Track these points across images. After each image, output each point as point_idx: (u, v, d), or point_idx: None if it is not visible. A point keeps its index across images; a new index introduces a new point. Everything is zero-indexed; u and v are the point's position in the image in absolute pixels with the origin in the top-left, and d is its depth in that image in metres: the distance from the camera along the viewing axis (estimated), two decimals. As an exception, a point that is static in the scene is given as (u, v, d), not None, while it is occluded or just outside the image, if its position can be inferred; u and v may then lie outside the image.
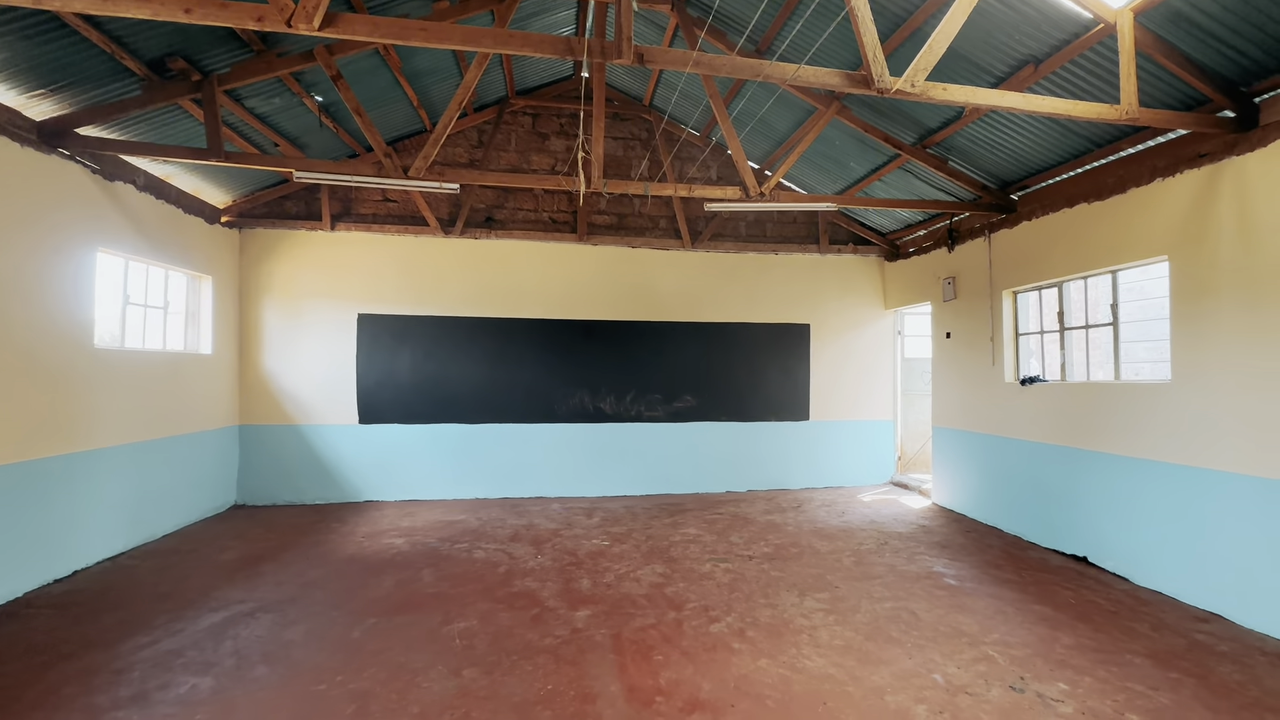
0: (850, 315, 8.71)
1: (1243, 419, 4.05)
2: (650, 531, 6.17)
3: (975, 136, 5.76)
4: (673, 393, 8.19)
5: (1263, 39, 3.70)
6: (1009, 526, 6.22)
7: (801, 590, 4.56)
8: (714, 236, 8.36)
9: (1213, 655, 3.56)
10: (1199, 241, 4.36)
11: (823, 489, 8.39)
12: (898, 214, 7.95)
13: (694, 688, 3.15)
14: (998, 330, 6.45)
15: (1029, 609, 4.23)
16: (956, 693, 3.13)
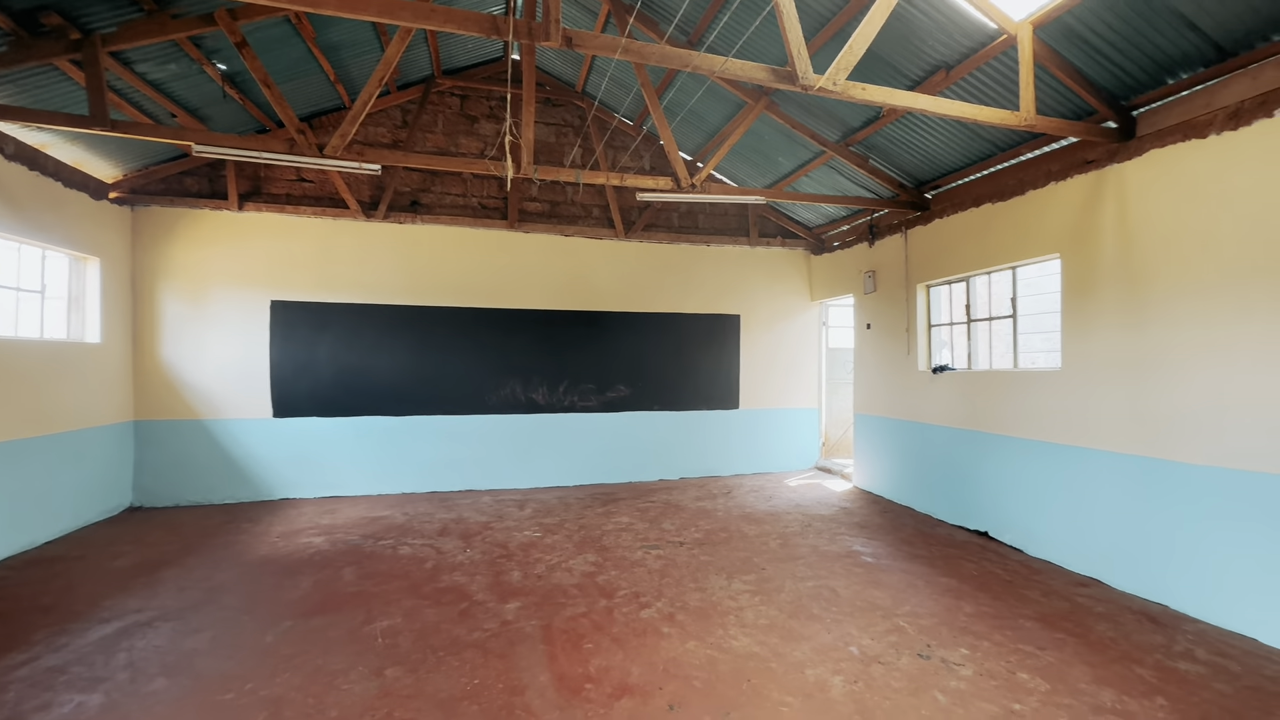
0: (778, 306, 8.98)
1: (1118, 402, 4.48)
2: (583, 521, 6.17)
3: (893, 136, 6.04)
4: (606, 382, 8.19)
5: (1140, 58, 4.07)
6: (921, 506, 6.63)
7: (730, 573, 4.69)
8: (647, 227, 8.39)
9: (1091, 616, 3.94)
10: (1086, 241, 4.77)
11: (752, 475, 8.65)
12: (823, 209, 8.24)
13: (624, 673, 3.19)
14: (912, 322, 6.83)
15: (936, 581, 4.53)
16: (870, 663, 3.31)
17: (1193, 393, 3.99)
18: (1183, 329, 4.06)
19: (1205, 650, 3.46)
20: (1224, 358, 3.82)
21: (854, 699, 2.96)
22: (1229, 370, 3.79)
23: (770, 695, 2.98)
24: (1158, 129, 4.23)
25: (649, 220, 8.34)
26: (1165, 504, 4.15)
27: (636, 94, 7.28)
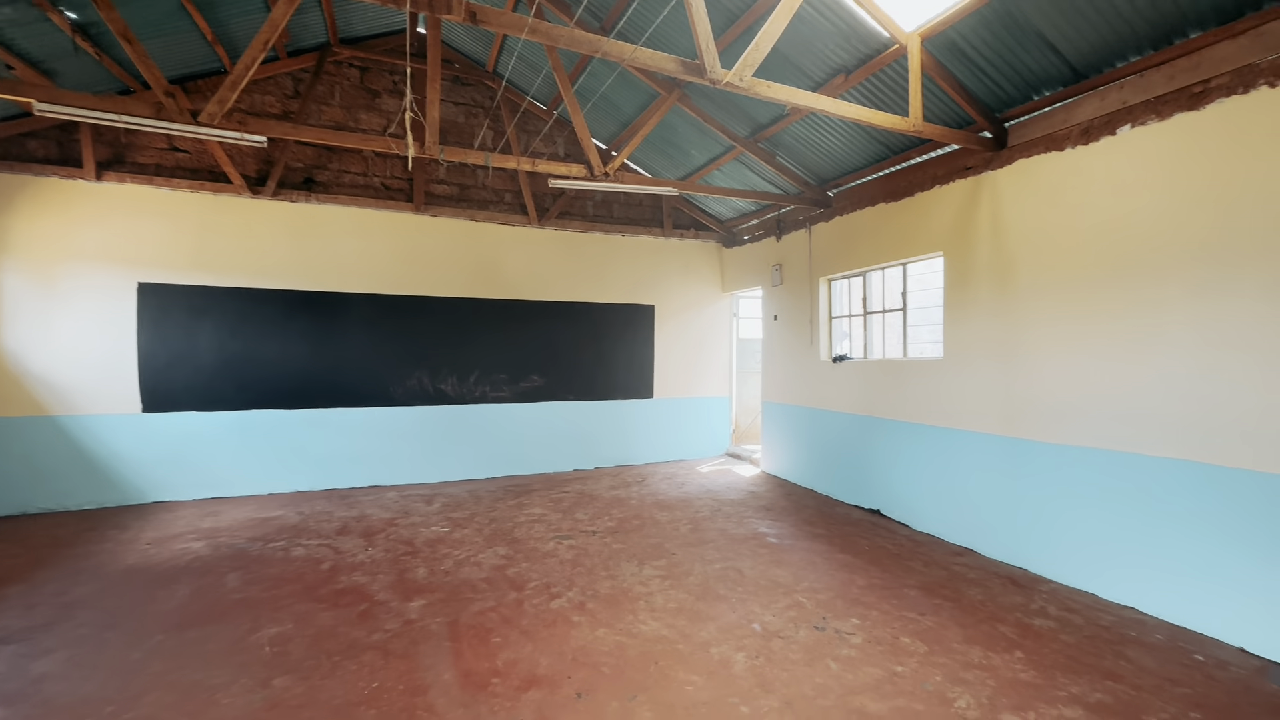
0: (691, 297, 9.16)
1: (989, 388, 4.94)
2: (494, 514, 6.04)
3: (799, 135, 6.30)
4: (519, 372, 8.03)
5: (1012, 74, 4.46)
6: (823, 488, 7.02)
7: (641, 560, 4.76)
8: (561, 215, 8.28)
9: (964, 582, 4.34)
10: (965, 240, 5.19)
11: (666, 463, 8.81)
12: (734, 203, 8.47)
13: (532, 664, 3.16)
14: (815, 313, 7.19)
15: (834, 558, 4.82)
16: (771, 638, 3.48)
17: (1049, 380, 4.47)
18: (1042, 323, 4.52)
19: (1056, 607, 3.91)
20: (1075, 349, 4.29)
21: (755, 673, 3.09)
22: (1079, 359, 4.27)
23: (676, 676, 3.06)
24: (1025, 140, 4.67)
25: (563, 208, 8.24)
26: (1026, 479, 4.63)
27: (549, 77, 7.14)
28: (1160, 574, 3.76)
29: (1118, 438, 4.02)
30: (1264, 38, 3.33)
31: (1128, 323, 3.97)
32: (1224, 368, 3.49)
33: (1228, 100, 3.49)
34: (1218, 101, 3.54)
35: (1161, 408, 3.78)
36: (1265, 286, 3.32)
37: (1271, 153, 3.30)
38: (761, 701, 2.84)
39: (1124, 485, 3.98)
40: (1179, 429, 3.69)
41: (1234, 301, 3.45)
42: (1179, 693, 2.93)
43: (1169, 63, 3.75)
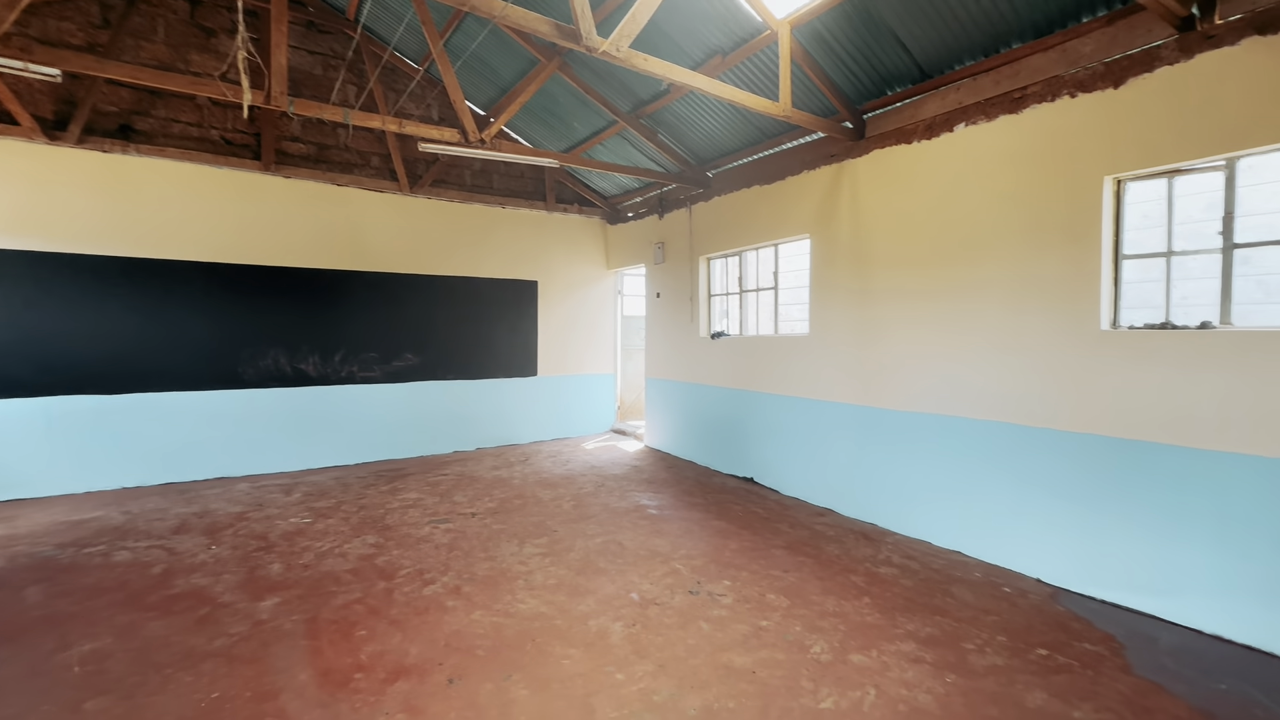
0: (576, 274, 9.06)
1: (847, 361, 5.37)
2: (364, 502, 5.66)
3: (680, 114, 6.36)
4: (392, 351, 7.54)
5: (869, 69, 4.78)
6: (702, 459, 7.31)
7: (522, 539, 4.68)
8: (436, 183, 7.80)
9: (824, 539, 4.72)
10: (828, 224, 5.55)
11: (550, 441, 8.73)
12: (618, 180, 8.44)
13: (400, 655, 3.01)
14: (695, 291, 7.39)
15: (709, 525, 5.05)
16: (648, 605, 3.57)
17: (897, 353, 4.93)
18: (891, 302, 4.96)
19: (899, 556, 4.37)
20: (917, 325, 4.76)
21: (631, 640, 3.16)
22: (920, 334, 4.74)
23: (554, 651, 3.05)
24: (880, 132, 5.05)
25: (438, 175, 7.76)
26: (876, 443, 5.10)
27: (419, 31, 6.62)
28: (978, 520, 4.32)
29: (948, 404, 4.53)
30: (1068, 53, 3.81)
31: (957, 303, 4.46)
32: (1027, 345, 4.03)
33: (1040, 106, 3.98)
34: (1033, 107, 4.02)
35: (980, 376, 4.31)
36: (1062, 276, 3.86)
37: (1071, 155, 3.81)
38: (637, 667, 2.91)
39: (951, 445, 4.50)
40: (993, 395, 4.23)
41: (1037, 287, 3.98)
42: (990, 620, 3.40)
43: (996, 69, 4.20)
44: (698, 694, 2.70)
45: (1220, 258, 3.34)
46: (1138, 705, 2.64)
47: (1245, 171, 3.34)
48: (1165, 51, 3.40)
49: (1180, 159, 3.37)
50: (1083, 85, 3.75)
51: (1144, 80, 3.49)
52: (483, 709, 2.59)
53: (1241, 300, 3.53)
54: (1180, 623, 3.34)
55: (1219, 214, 3.35)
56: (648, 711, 2.58)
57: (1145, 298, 4.04)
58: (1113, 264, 3.72)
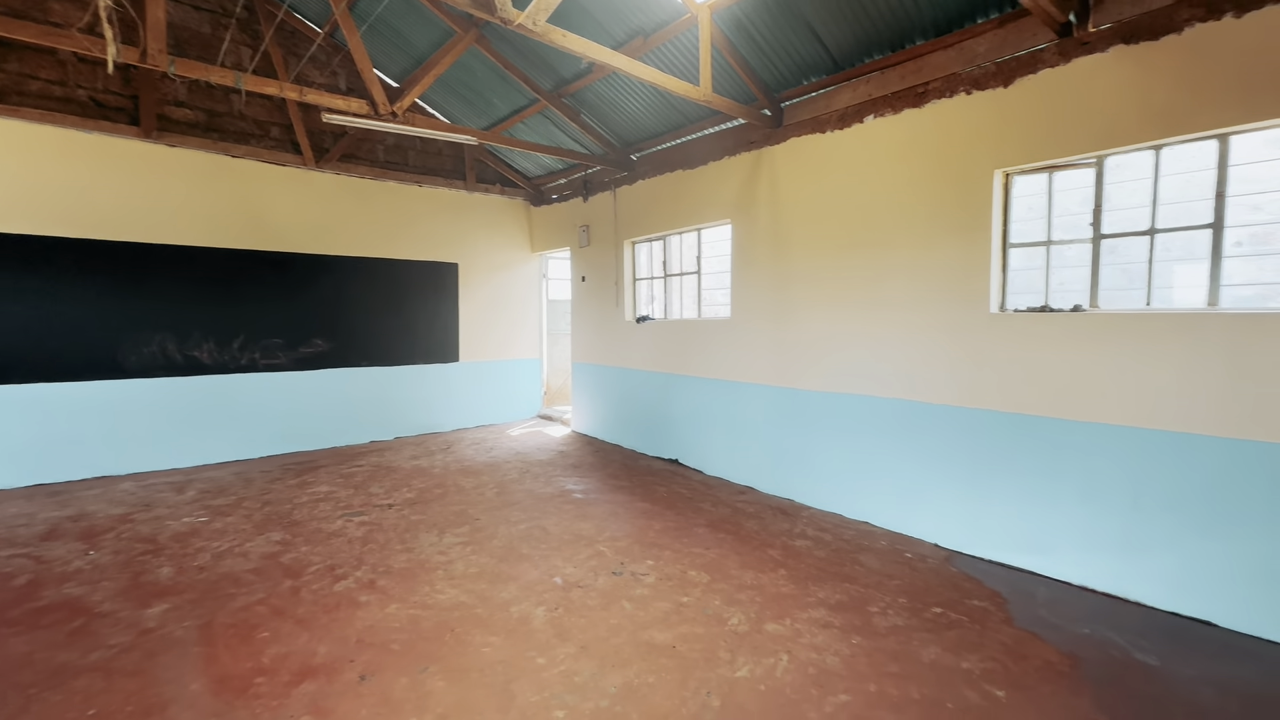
0: (499, 257, 8.82)
1: (767, 344, 5.54)
2: (269, 497, 5.31)
3: (603, 95, 6.28)
4: (299, 336, 7.07)
5: (786, 59, 4.89)
6: (628, 443, 7.36)
7: (442, 529, 4.55)
8: (346, 157, 7.34)
9: (744, 515, 4.88)
10: (749, 210, 5.67)
11: (475, 428, 8.52)
12: (541, 160, 8.25)
13: (308, 655, 2.86)
14: (620, 275, 7.38)
15: (634, 506, 5.10)
16: (571, 588, 3.57)
17: (811, 335, 5.13)
18: (807, 285, 5.15)
19: (813, 529, 4.58)
20: (829, 309, 4.96)
21: (554, 624, 3.15)
22: (832, 317, 4.95)
23: (473, 640, 3.00)
24: (797, 121, 5.19)
25: (347, 149, 7.30)
26: (793, 422, 5.31)
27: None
28: (884, 493, 4.60)
29: (859, 383, 4.77)
30: (965, 52, 4.05)
31: (867, 288, 4.68)
32: (928, 327, 4.30)
33: (940, 101, 4.21)
34: (934, 102, 4.25)
35: (888, 358, 4.56)
36: (959, 262, 4.13)
37: (967, 148, 4.07)
38: (559, 650, 2.91)
39: (861, 423, 4.75)
40: (899, 375, 4.49)
41: (937, 272, 4.24)
42: (893, 584, 3.64)
43: (901, 64, 4.40)
44: (619, 672, 2.73)
45: (1090, 247, 3.67)
46: (1016, 653, 2.91)
47: (1113, 169, 3.68)
48: (1047, 55, 3.67)
49: (1058, 155, 3.67)
50: (977, 83, 4.00)
51: (1029, 81, 3.76)
52: (397, 704, 2.51)
53: (1108, 286, 3.91)
54: (1054, 577, 3.71)
55: (1091, 207, 3.68)
56: (569, 693, 2.58)
57: (1030, 283, 4.40)
58: (1001, 252, 4.02)
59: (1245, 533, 3.05)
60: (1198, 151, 3.43)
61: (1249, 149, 4.09)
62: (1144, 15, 3.30)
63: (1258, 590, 3.02)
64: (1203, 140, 3.24)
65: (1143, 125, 3.33)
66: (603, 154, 7.13)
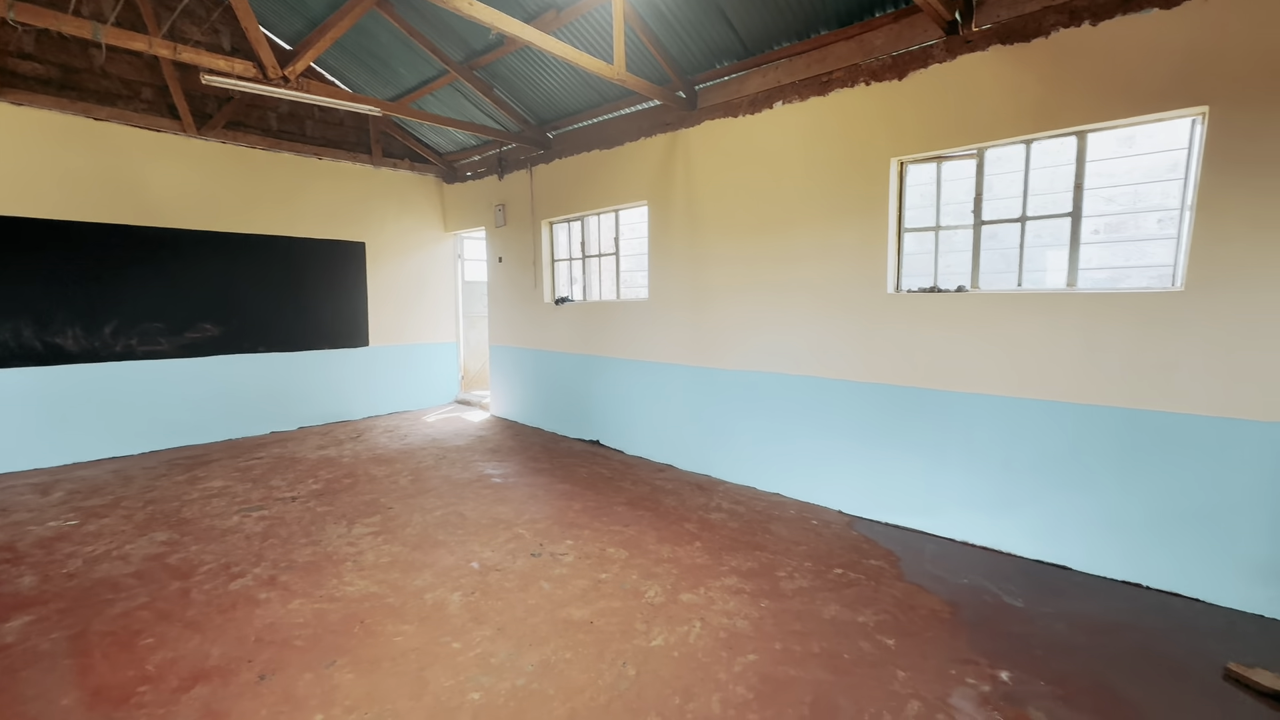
0: (411, 237, 8.43)
1: (683, 323, 5.65)
2: (152, 495, 4.88)
3: (517, 70, 6.09)
4: (184, 320, 6.48)
5: (700, 42, 4.93)
6: (549, 425, 7.32)
7: (351, 519, 4.36)
8: (233, 125, 6.73)
9: (663, 493, 4.99)
10: (665, 191, 5.72)
11: (387, 415, 8.18)
12: (454, 135, 7.93)
13: (199, 658, 2.67)
14: (538, 256, 7.26)
15: (554, 488, 5.09)
16: (489, 572, 3.54)
17: (726, 315, 5.28)
18: (721, 266, 5.28)
19: (728, 502, 4.76)
20: (743, 290, 5.12)
21: (470, 608, 3.12)
22: (745, 298, 5.11)
23: (384, 630, 2.91)
24: (710, 104, 5.26)
25: (233, 116, 6.70)
26: (710, 400, 5.47)
27: (199, -58, 5.57)
28: (794, 465, 4.84)
29: (770, 362, 4.97)
30: (864, 44, 4.25)
31: (777, 270, 4.87)
32: (832, 307, 4.53)
33: (843, 90, 4.40)
34: (837, 90, 4.44)
35: (796, 336, 4.78)
36: (859, 245, 4.37)
37: (867, 137, 4.29)
38: (475, 634, 2.88)
39: (772, 399, 4.97)
40: (806, 353, 4.72)
41: (840, 255, 4.47)
42: (800, 549, 3.86)
43: (808, 53, 4.56)
44: (536, 650, 2.75)
45: (972, 233, 3.99)
46: (905, 604, 3.17)
47: (993, 161, 4.00)
48: (936, 51, 3.92)
49: (946, 146, 3.94)
50: (875, 75, 4.21)
51: (921, 75, 4.00)
52: (301, 700, 2.41)
53: (988, 269, 4.28)
54: (941, 535, 4.06)
55: (974, 195, 3.99)
56: (484, 674, 2.57)
57: (924, 266, 4.73)
58: (897, 235, 4.29)
59: (1096, 488, 3.46)
60: (1061, 147, 3.79)
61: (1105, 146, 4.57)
62: (1017, 18, 3.58)
63: (1106, 537, 3.45)
64: (1065, 136, 3.58)
65: (1016, 120, 3.64)
66: (518, 131, 6.95)
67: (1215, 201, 3.05)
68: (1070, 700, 2.43)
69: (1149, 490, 3.31)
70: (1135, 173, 4.83)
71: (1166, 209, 4.58)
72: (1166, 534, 3.27)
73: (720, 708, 2.37)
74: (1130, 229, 5.08)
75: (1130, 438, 3.35)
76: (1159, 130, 4.43)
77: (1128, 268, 5.17)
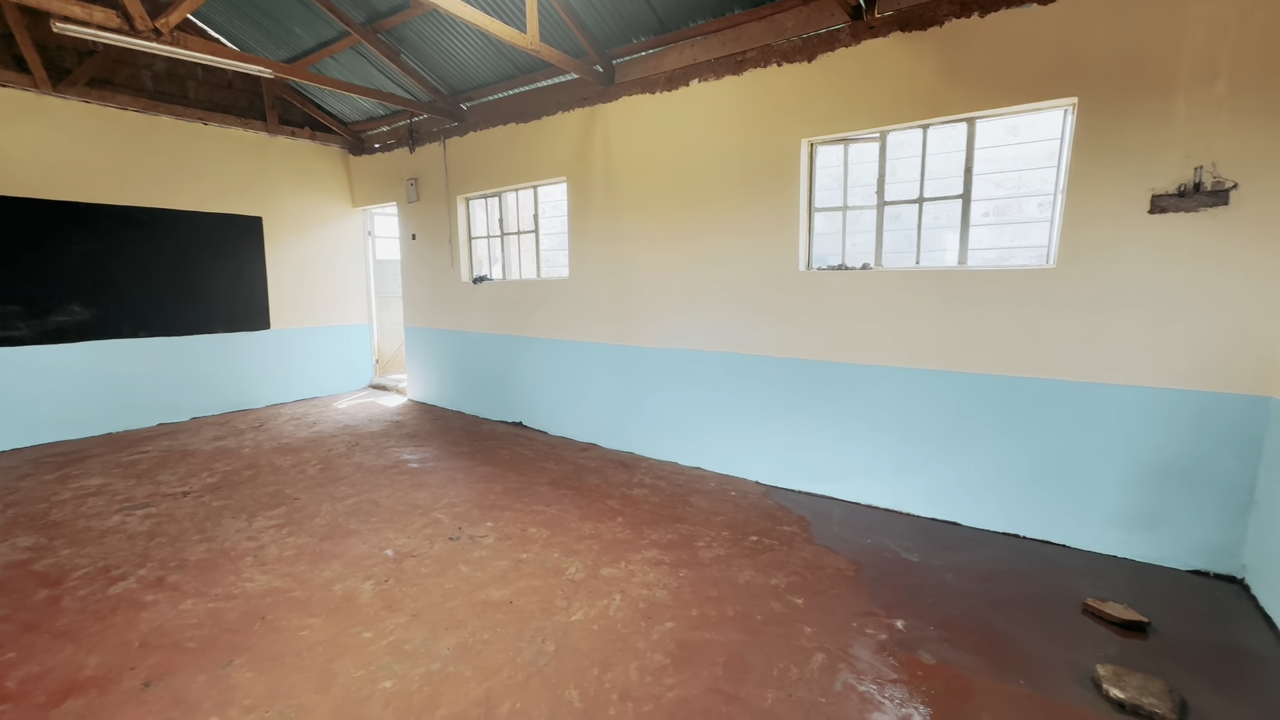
0: (315, 212, 7.89)
1: (605, 301, 5.63)
2: (13, 498, 4.38)
3: (426, 36, 5.78)
4: (48, 302, 5.78)
5: (615, 15, 4.85)
6: (470, 408, 7.13)
7: (252, 513, 4.09)
8: (97, 82, 6.01)
9: (586, 471, 5.00)
10: (584, 167, 5.63)
11: (294, 403, 7.69)
12: (360, 104, 7.44)
13: (73, 669, 2.44)
14: (454, 233, 6.99)
15: (475, 471, 4.98)
16: (404, 559, 3.43)
17: (646, 293, 5.30)
18: (640, 243, 5.29)
19: (650, 478, 4.84)
20: (662, 266, 5.16)
21: (383, 597, 3.01)
22: (665, 275, 5.15)
23: (288, 625, 2.76)
24: (628, 80, 5.21)
25: (98, 72, 5.97)
26: (632, 378, 5.50)
27: None
28: (714, 439, 4.98)
29: (689, 339, 5.05)
30: (776, 25, 4.32)
31: (694, 247, 4.93)
32: (747, 284, 4.65)
33: (756, 71, 4.47)
34: (751, 70, 4.50)
35: (713, 313, 4.87)
36: (772, 224, 4.49)
37: (779, 117, 4.39)
38: (388, 622, 2.79)
39: (692, 375, 5.06)
40: (723, 329, 4.83)
41: (754, 233, 4.58)
42: (718, 520, 3.98)
43: (722, 31, 4.59)
44: (453, 634, 2.70)
45: (876, 213, 4.19)
46: (814, 565, 3.36)
47: (894, 145, 4.21)
48: (842, 35, 4.05)
49: (852, 129, 4.10)
50: (786, 56, 4.30)
51: (828, 58, 4.13)
52: (194, 704, 2.25)
53: (890, 249, 4.52)
54: (849, 499, 4.31)
55: (877, 177, 4.18)
56: (397, 662, 2.50)
57: (833, 246, 4.93)
58: (808, 215, 4.44)
59: (980, 450, 3.78)
60: (953, 132, 4.04)
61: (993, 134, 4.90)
62: (915, 6, 3.75)
63: (988, 494, 3.78)
64: (956, 122, 3.81)
65: (914, 105, 3.83)
66: (429, 101, 6.61)
67: (1081, 186, 3.35)
68: (955, 642, 2.66)
69: (1024, 450, 3.64)
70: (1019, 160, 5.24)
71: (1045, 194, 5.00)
72: (1039, 489, 3.62)
73: (638, 675, 2.43)
74: (1015, 213, 5.51)
75: (1009, 403, 3.66)
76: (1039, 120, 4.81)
77: (1013, 248, 5.62)
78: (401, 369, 9.23)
